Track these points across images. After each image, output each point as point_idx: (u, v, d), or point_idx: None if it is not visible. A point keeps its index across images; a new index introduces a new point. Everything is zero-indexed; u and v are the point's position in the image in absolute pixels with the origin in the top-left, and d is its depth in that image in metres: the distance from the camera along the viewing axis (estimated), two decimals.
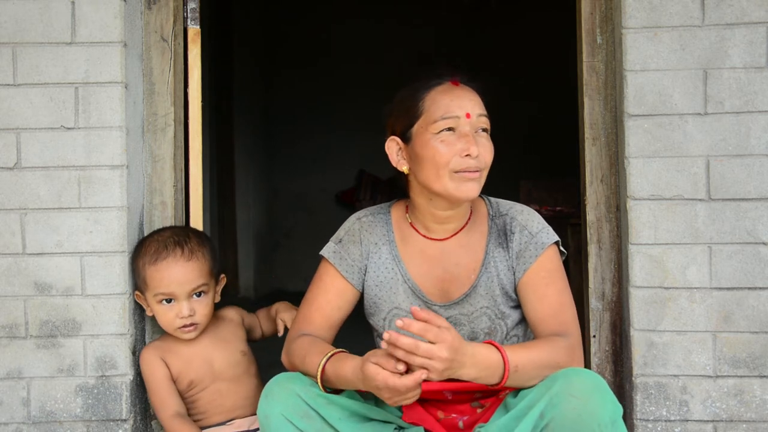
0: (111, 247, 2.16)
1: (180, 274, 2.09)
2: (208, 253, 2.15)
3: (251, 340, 2.29)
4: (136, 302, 2.22)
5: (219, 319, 2.24)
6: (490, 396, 1.86)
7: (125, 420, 2.17)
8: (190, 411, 2.17)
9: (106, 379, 2.17)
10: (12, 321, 2.16)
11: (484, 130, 1.85)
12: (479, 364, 1.65)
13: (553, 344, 1.76)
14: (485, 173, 1.84)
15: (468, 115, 1.81)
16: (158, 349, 2.16)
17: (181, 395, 2.15)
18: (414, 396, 1.63)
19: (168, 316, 2.11)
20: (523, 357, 1.69)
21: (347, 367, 1.69)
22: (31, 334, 2.17)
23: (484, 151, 1.82)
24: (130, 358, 2.18)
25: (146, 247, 2.14)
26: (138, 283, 2.15)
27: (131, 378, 2.18)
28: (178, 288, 2.09)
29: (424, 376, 1.57)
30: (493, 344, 1.70)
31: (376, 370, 1.60)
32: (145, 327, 2.28)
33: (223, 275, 2.22)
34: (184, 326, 2.10)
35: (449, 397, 1.87)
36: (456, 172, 1.80)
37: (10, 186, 2.16)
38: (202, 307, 2.11)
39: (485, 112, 1.85)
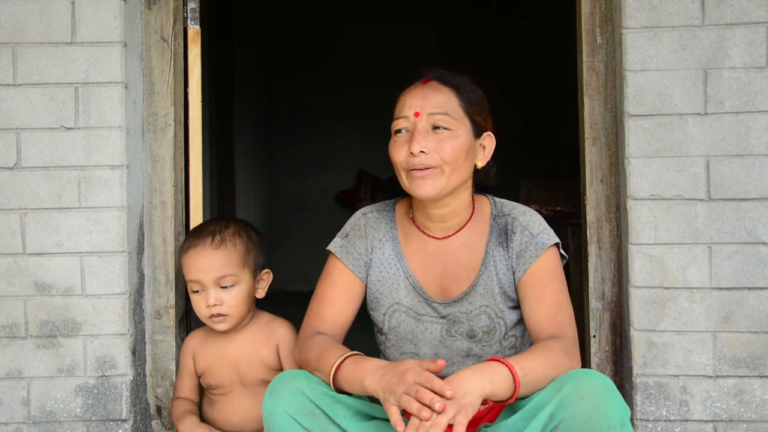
0: (111, 247, 2.16)
1: (205, 262, 2.07)
2: (242, 244, 2.10)
3: None
4: (135, 302, 2.23)
5: (263, 330, 2.17)
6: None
7: (125, 420, 2.17)
8: (208, 407, 2.20)
9: (106, 379, 2.17)
10: (12, 321, 2.16)
11: (444, 127, 1.83)
12: (481, 371, 1.63)
13: (551, 347, 1.76)
14: (447, 170, 1.83)
15: (417, 114, 1.84)
16: (195, 341, 2.19)
17: (205, 390, 2.21)
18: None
19: (199, 305, 2.10)
20: (525, 361, 1.68)
21: (369, 362, 1.69)
22: (31, 334, 2.17)
23: (437, 148, 1.82)
24: (130, 358, 2.18)
25: (186, 236, 2.17)
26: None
27: (131, 378, 2.18)
28: (203, 276, 2.07)
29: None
30: (490, 359, 1.69)
31: (414, 363, 1.61)
32: (145, 327, 2.28)
33: (266, 270, 2.17)
34: (212, 316, 2.08)
35: None
36: (408, 170, 1.83)
37: (10, 186, 2.17)
38: (230, 298, 2.07)
39: (444, 110, 1.84)
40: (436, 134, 1.83)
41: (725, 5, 2.10)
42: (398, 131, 1.87)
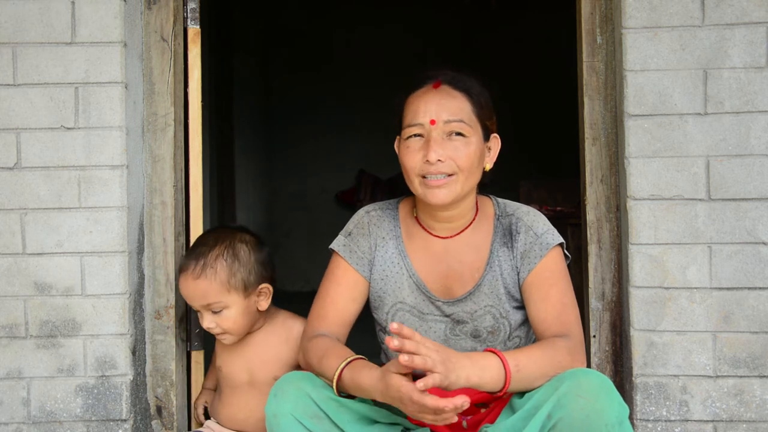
0: (111, 247, 2.16)
1: (189, 291, 2.06)
2: (224, 269, 2.03)
3: None
4: (135, 302, 2.23)
5: (280, 329, 2.15)
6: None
7: (125, 420, 2.17)
8: (217, 400, 2.21)
9: (106, 379, 2.17)
10: (12, 321, 2.16)
11: (460, 134, 1.83)
12: (476, 362, 1.65)
13: (554, 345, 1.76)
14: (461, 177, 1.83)
15: (433, 122, 1.82)
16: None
17: (218, 378, 2.23)
18: (449, 420, 1.58)
19: (201, 322, 2.11)
20: (522, 357, 1.69)
21: (365, 376, 1.66)
22: (31, 334, 2.17)
23: (454, 156, 1.81)
24: (130, 357, 2.18)
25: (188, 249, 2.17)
26: None
27: (131, 378, 2.18)
28: (192, 303, 2.08)
29: (461, 402, 1.53)
30: (486, 350, 1.71)
31: (400, 381, 1.58)
32: (145, 327, 2.28)
33: (264, 285, 2.09)
34: (215, 334, 2.10)
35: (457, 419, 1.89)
36: (423, 177, 1.83)
37: (10, 186, 2.17)
38: (223, 321, 2.05)
39: (459, 117, 1.83)
40: (451, 141, 1.82)
41: (725, 5, 2.10)
42: (415, 136, 1.84)
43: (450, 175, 1.82)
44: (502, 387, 1.66)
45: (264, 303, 2.11)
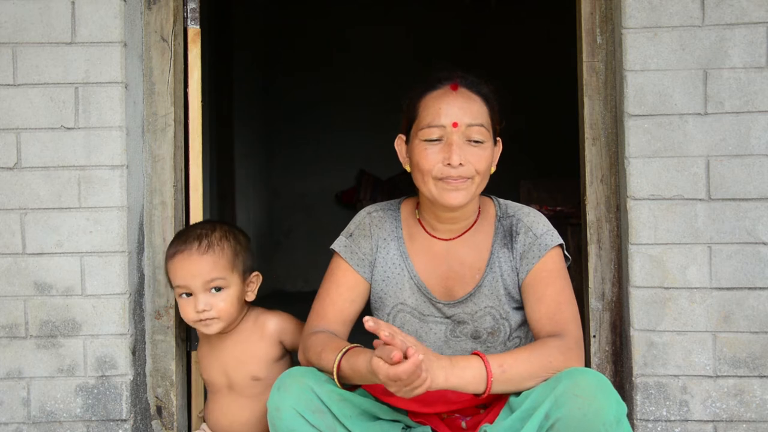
0: (111, 247, 2.16)
1: (193, 267, 2.04)
2: (230, 248, 2.07)
3: None
4: (135, 302, 2.23)
5: (253, 327, 2.15)
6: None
7: (125, 420, 2.17)
8: (206, 406, 2.22)
9: (106, 379, 2.17)
10: (12, 321, 2.16)
11: (480, 138, 1.83)
12: (456, 363, 1.66)
13: (544, 345, 1.76)
14: (477, 180, 1.83)
15: (455, 125, 1.81)
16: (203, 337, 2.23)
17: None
18: (420, 386, 1.57)
19: (186, 309, 2.07)
20: (508, 358, 1.70)
21: (361, 361, 1.67)
22: (31, 334, 2.17)
23: (474, 160, 1.81)
24: (130, 358, 2.18)
25: (172, 241, 2.15)
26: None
27: (131, 378, 2.18)
28: (192, 281, 2.04)
29: (420, 357, 1.53)
30: (474, 353, 1.72)
31: (378, 363, 1.58)
32: (145, 327, 2.28)
33: (255, 273, 2.13)
34: (201, 320, 2.06)
35: (444, 417, 1.89)
36: (440, 179, 1.82)
37: (10, 186, 2.17)
38: (218, 302, 2.05)
39: (480, 121, 1.83)
40: (470, 146, 1.82)
41: (725, 5, 2.10)
42: (433, 138, 1.83)
43: (468, 179, 1.82)
44: (485, 389, 1.67)
45: (251, 294, 2.13)
